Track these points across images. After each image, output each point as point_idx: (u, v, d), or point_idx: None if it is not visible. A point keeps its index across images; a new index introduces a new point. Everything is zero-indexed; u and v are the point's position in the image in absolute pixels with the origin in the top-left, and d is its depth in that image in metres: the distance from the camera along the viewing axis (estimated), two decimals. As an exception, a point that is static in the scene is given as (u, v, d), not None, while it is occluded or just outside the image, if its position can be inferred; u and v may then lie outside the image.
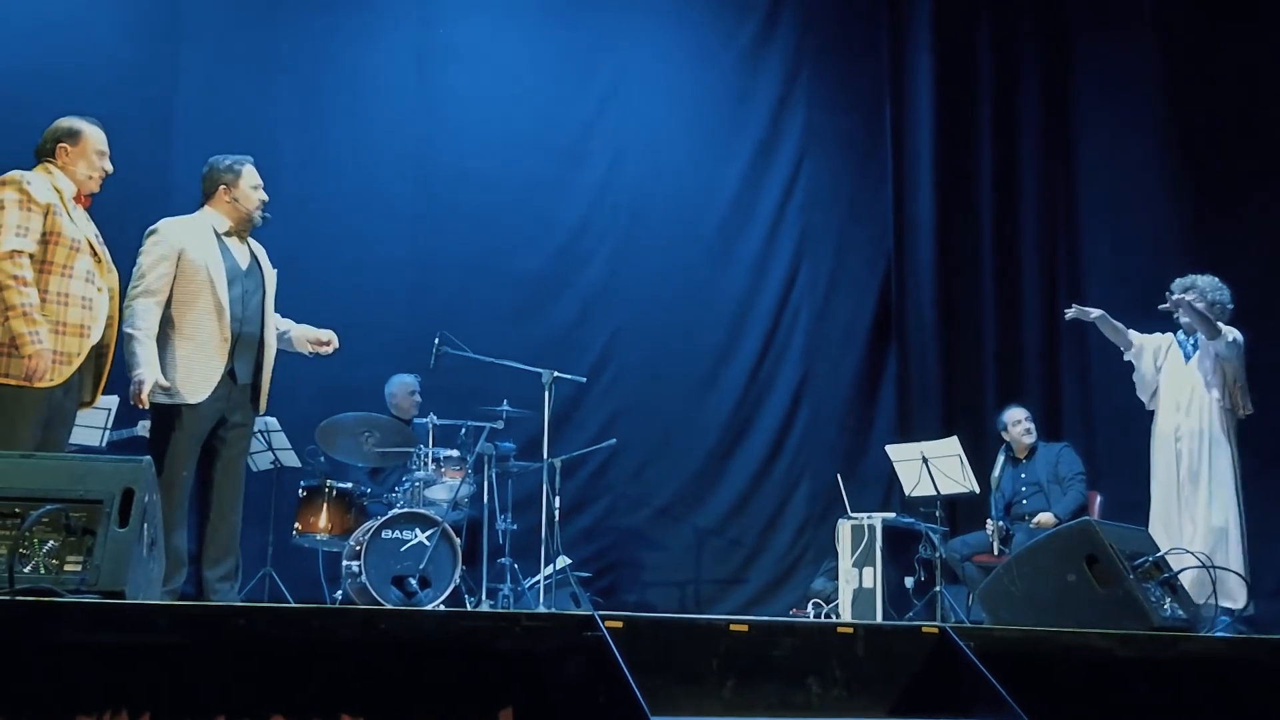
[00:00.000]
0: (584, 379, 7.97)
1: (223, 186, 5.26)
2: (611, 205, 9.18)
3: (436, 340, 7.20)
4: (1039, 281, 9.59)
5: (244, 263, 5.28)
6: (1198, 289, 6.84)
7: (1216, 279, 6.92)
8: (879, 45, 9.88)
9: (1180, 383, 6.91)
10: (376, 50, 8.73)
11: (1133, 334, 7.16)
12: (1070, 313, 7.21)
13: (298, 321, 5.63)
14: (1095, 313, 7.11)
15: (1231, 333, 6.78)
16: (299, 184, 8.13)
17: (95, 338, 4.72)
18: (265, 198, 5.34)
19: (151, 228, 5.15)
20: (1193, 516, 6.70)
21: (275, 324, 5.45)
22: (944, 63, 9.74)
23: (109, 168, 4.86)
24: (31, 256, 4.54)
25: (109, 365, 4.86)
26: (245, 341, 5.19)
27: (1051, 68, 9.72)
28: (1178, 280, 6.94)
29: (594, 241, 9.12)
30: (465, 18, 9.00)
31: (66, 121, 4.82)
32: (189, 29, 8.20)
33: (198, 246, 5.12)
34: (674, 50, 9.55)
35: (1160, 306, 6.87)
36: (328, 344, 5.66)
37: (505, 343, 7.69)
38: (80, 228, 4.72)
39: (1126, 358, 7.20)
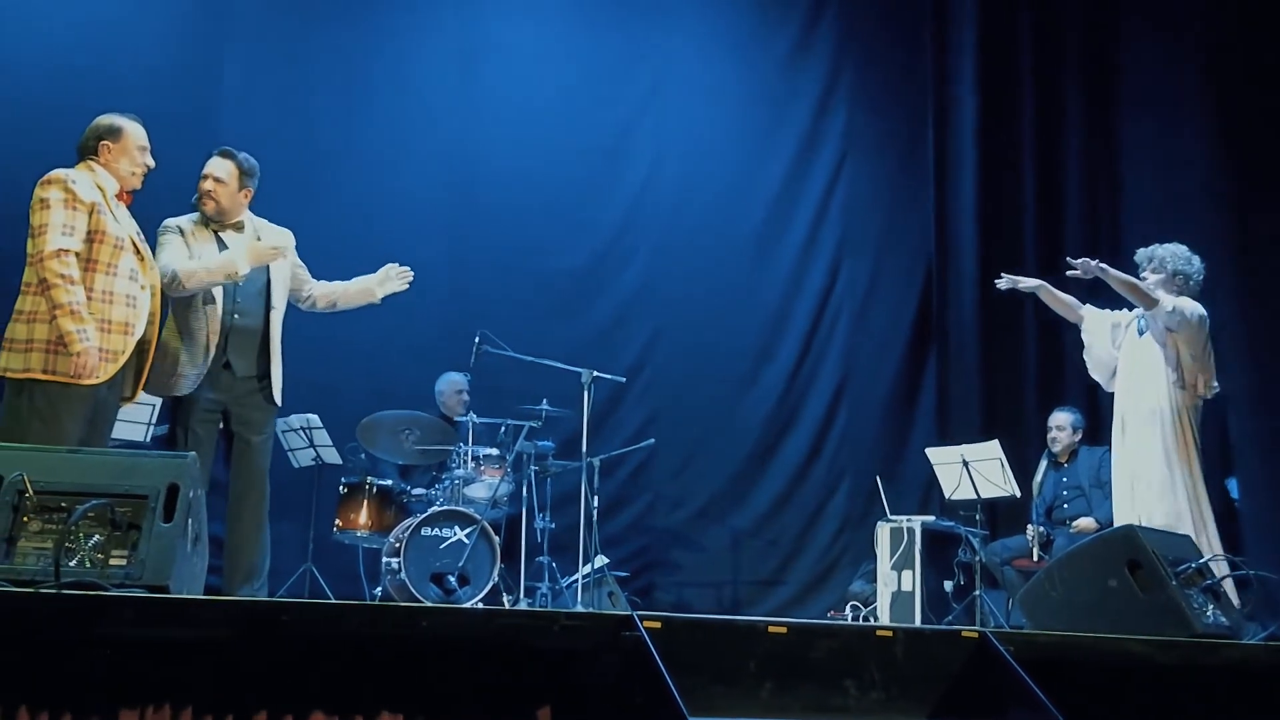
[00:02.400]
0: (623, 379, 7.97)
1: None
2: (652, 205, 9.17)
3: (477, 339, 7.23)
4: (1083, 282, 9.49)
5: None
6: (1158, 259, 6.39)
7: (1185, 249, 6.44)
8: (921, 46, 9.82)
9: (1132, 360, 6.41)
10: (418, 50, 8.76)
11: (1086, 308, 6.70)
12: (1002, 283, 6.76)
13: (341, 321, 5.64)
14: (1031, 282, 6.68)
15: (1184, 305, 6.22)
16: (339, 183, 8.19)
17: (138, 334, 4.74)
18: (152, 163, 4.97)
19: (160, 228, 5.17)
20: (1147, 507, 6.13)
21: (318, 296, 5.47)
22: (987, 63, 9.67)
23: (151, 163, 4.88)
24: (77, 255, 4.57)
25: (150, 361, 4.87)
26: (239, 332, 5.14)
27: (1095, 66, 9.62)
28: (1140, 250, 6.54)
29: (634, 242, 9.12)
30: (506, 18, 9.01)
31: (107, 119, 4.85)
32: (233, 29, 8.25)
33: (196, 246, 5.14)
34: (715, 51, 9.53)
35: (1069, 273, 6.40)
36: (397, 278, 5.65)
37: (545, 342, 7.70)
38: (124, 225, 4.76)
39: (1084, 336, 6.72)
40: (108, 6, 7.91)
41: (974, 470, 7.60)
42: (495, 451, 7.44)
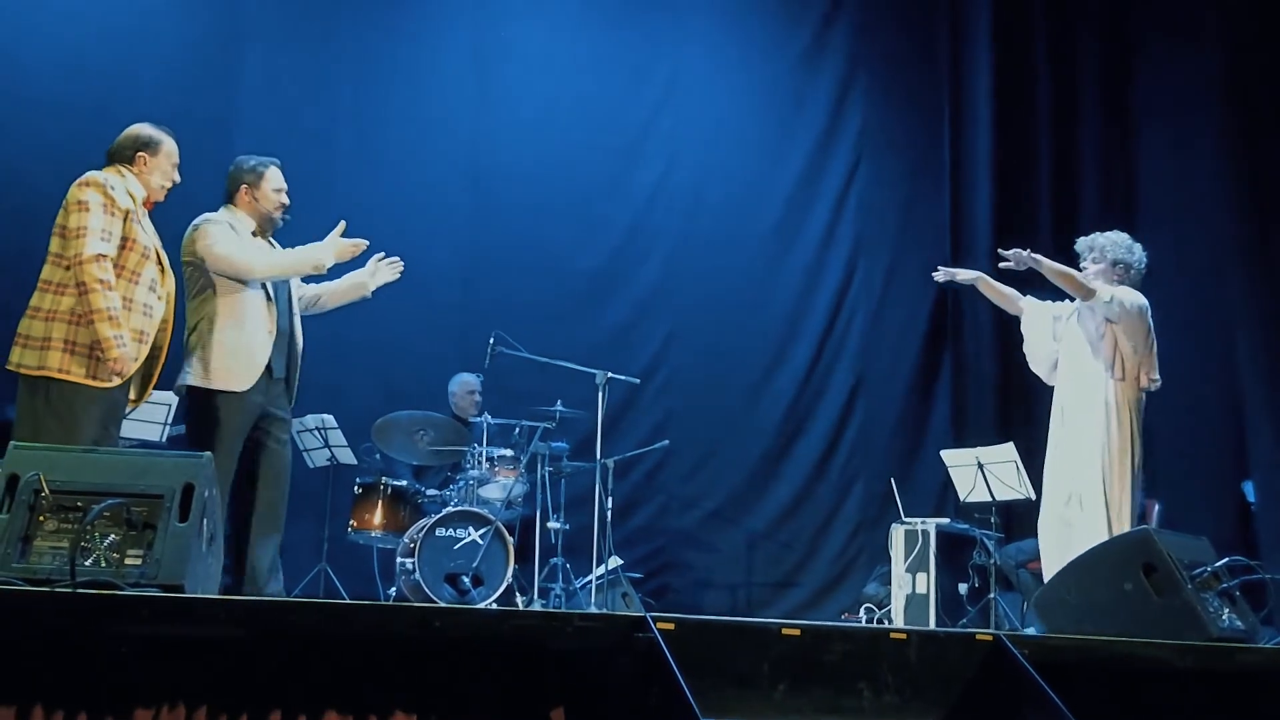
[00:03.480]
0: (637, 380, 7.97)
1: (245, 186, 5.29)
2: (666, 206, 9.18)
3: (491, 340, 7.24)
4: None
5: None
6: (1098, 248, 6.22)
7: (1127, 237, 6.28)
8: (937, 47, 9.82)
9: (1073, 353, 6.20)
10: (434, 52, 8.79)
11: (1026, 300, 6.49)
12: (938, 275, 6.57)
13: (356, 321, 5.66)
14: (968, 274, 6.48)
15: (1123, 295, 6.05)
16: (355, 183, 8.20)
17: (150, 343, 4.78)
18: (286, 201, 5.36)
19: (203, 220, 5.18)
20: (1080, 502, 5.96)
21: (306, 295, 5.49)
22: (1003, 65, 9.65)
23: (178, 178, 4.94)
24: (111, 260, 4.61)
25: (160, 366, 4.90)
26: (280, 335, 5.23)
27: (1111, 71, 9.61)
28: (1081, 239, 6.37)
29: (649, 242, 9.13)
30: (522, 18, 9.03)
31: (147, 130, 4.88)
32: (251, 31, 8.28)
33: (245, 238, 5.21)
34: (730, 52, 9.54)
35: (1001, 265, 6.19)
36: (388, 268, 5.64)
37: (559, 343, 7.71)
38: (150, 235, 4.81)
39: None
40: (127, 11, 7.94)
41: (989, 472, 7.58)
42: (509, 452, 7.45)
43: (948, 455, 7.97)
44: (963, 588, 7.93)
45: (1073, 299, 6.22)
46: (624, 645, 3.26)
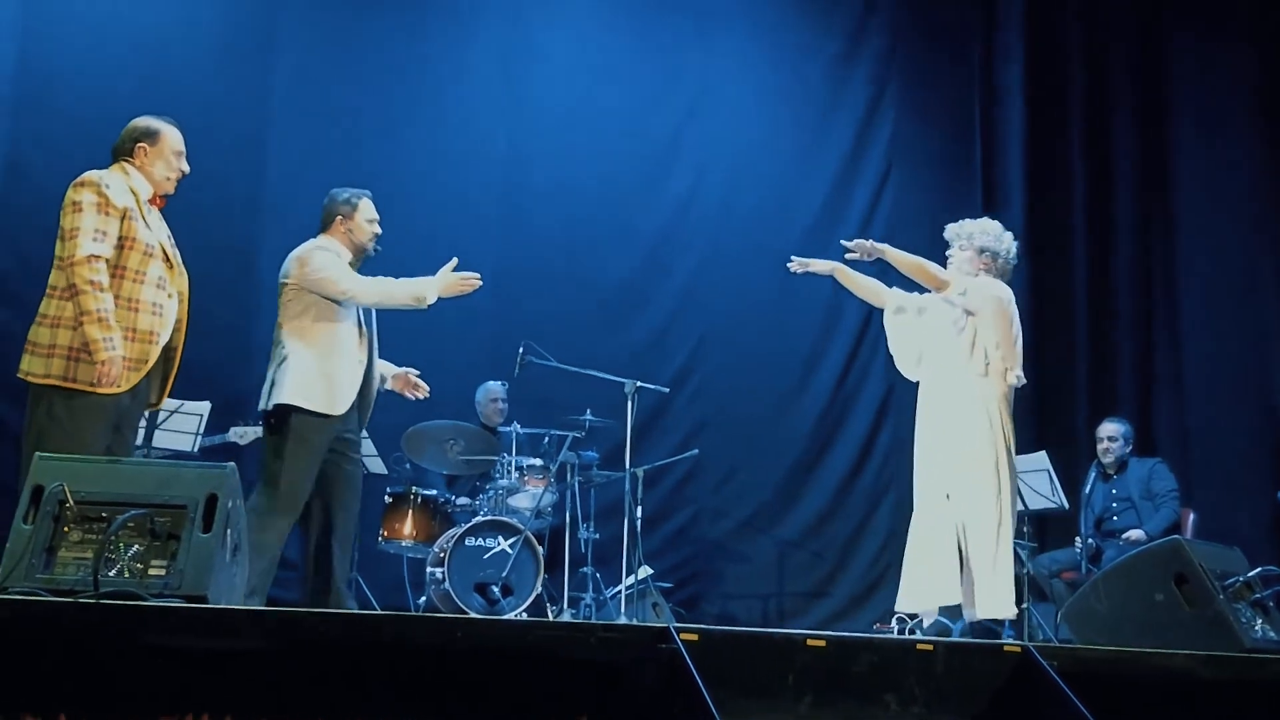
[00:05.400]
0: (667, 389, 7.96)
1: (339, 217, 5.42)
2: (696, 215, 9.16)
3: (520, 349, 7.23)
4: (1133, 294, 9.41)
5: None
6: (965, 234, 5.96)
7: (998, 225, 6.02)
8: (969, 56, 9.75)
9: (932, 347, 5.93)
10: (463, 60, 8.80)
11: (891, 292, 6.16)
12: (793, 265, 6.16)
13: (384, 331, 5.69)
14: (825, 265, 6.10)
15: (981, 286, 5.81)
16: (384, 193, 8.17)
17: (163, 342, 4.68)
18: (379, 231, 5.52)
19: (311, 245, 5.32)
20: (941, 503, 5.71)
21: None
22: (1035, 74, 9.59)
23: (185, 168, 4.85)
24: (106, 261, 4.50)
25: (176, 368, 4.83)
26: (366, 365, 5.38)
27: (1145, 79, 9.54)
28: (950, 225, 6.09)
29: (678, 251, 9.11)
30: (551, 28, 9.04)
31: (144, 121, 4.82)
32: (279, 45, 8.32)
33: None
34: (760, 60, 9.51)
35: (847, 256, 5.93)
36: (416, 388, 5.80)
37: (589, 352, 7.70)
38: (155, 232, 4.70)
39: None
40: (155, 27, 7.98)
41: (1022, 482, 7.50)
42: (539, 462, 7.46)
43: (980, 464, 7.90)
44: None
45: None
46: (648, 656, 3.25)
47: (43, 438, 4.36)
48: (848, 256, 5.96)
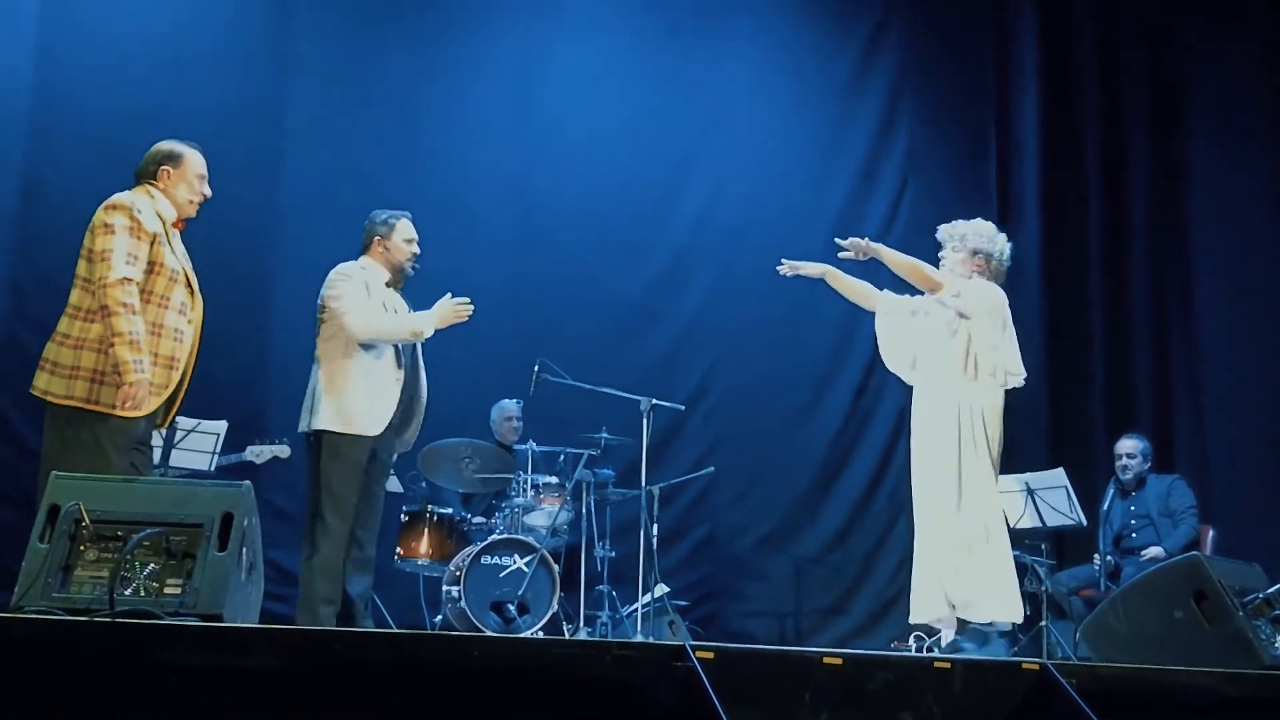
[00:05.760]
0: (682, 406, 7.95)
1: (378, 238, 5.59)
2: (712, 232, 9.15)
3: (536, 367, 7.23)
4: (1149, 309, 9.37)
5: (402, 311, 5.65)
6: (958, 236, 5.90)
7: (991, 226, 5.95)
8: (983, 71, 9.74)
9: (931, 350, 5.87)
10: (477, 82, 8.83)
11: (883, 295, 6.11)
12: (783, 269, 6.16)
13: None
14: (816, 268, 6.09)
15: (975, 288, 5.75)
16: (400, 210, 8.25)
17: (182, 369, 4.72)
18: (417, 251, 5.67)
19: (340, 270, 5.49)
20: (939, 509, 5.68)
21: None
22: (1050, 87, 9.57)
23: (208, 192, 4.89)
24: (136, 284, 4.54)
25: (184, 390, 4.83)
26: (406, 385, 5.52)
27: (1160, 90, 9.51)
28: (943, 226, 6.04)
29: (694, 269, 9.10)
30: (565, 48, 9.06)
31: (167, 145, 4.86)
32: (295, 64, 8.35)
33: (377, 293, 5.49)
34: (774, 76, 9.51)
35: (840, 255, 5.86)
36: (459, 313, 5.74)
37: (604, 370, 7.70)
38: (179, 257, 4.75)
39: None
40: (171, 47, 8.02)
41: (1039, 498, 7.49)
42: (554, 479, 7.46)
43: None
44: (1014, 615, 7.83)
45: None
46: (663, 674, 3.24)
47: (65, 459, 4.35)
48: (841, 255, 5.92)
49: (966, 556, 5.63)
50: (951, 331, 5.77)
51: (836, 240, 5.92)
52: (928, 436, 5.83)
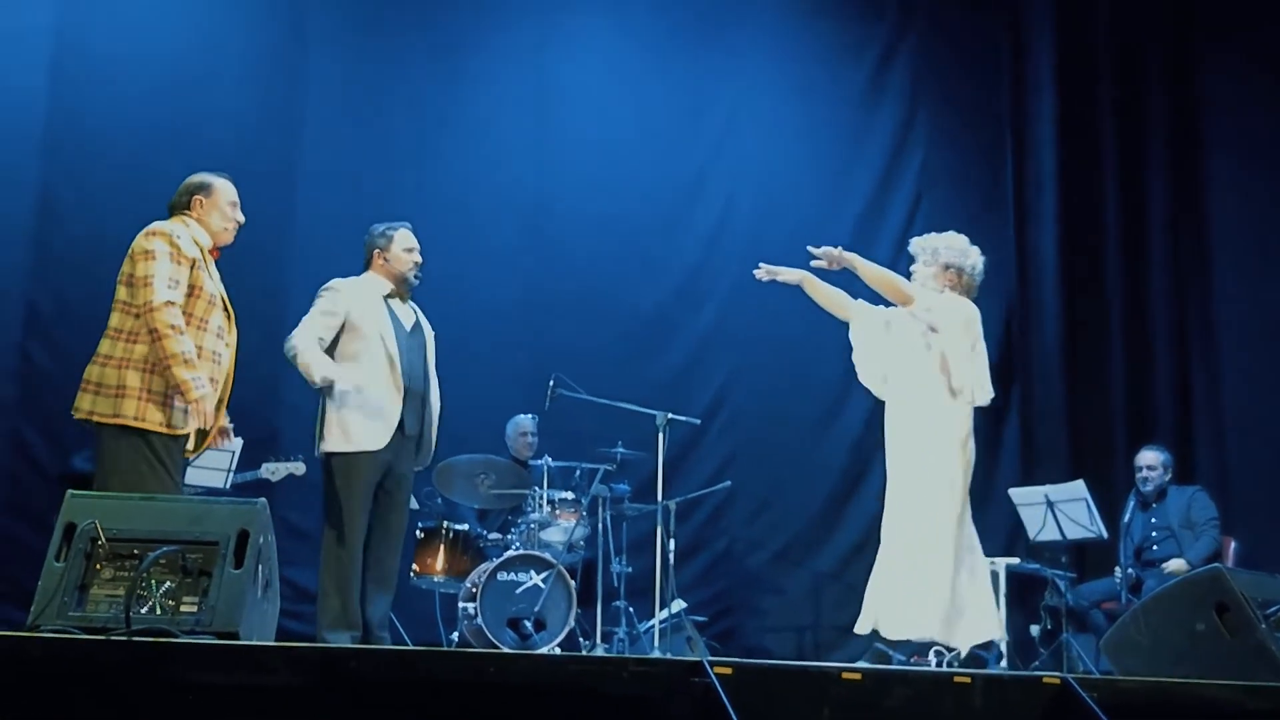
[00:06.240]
0: (698, 421, 7.93)
1: (377, 250, 5.60)
2: (727, 246, 9.13)
3: (551, 382, 7.22)
4: (1169, 319, 9.33)
5: (408, 323, 5.61)
6: (929, 249, 5.82)
7: (964, 240, 5.86)
8: (999, 84, 9.73)
9: (898, 364, 5.82)
10: (492, 95, 8.85)
11: (857, 305, 6.02)
12: (759, 273, 6.04)
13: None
14: (793, 274, 5.97)
15: (947, 303, 5.68)
16: (415, 225, 8.26)
17: (219, 391, 4.83)
18: (419, 260, 5.66)
19: (326, 284, 5.51)
20: (899, 525, 5.63)
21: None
22: (1066, 100, 9.54)
23: (241, 218, 5.00)
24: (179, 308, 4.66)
25: (221, 413, 4.93)
26: (412, 395, 5.47)
27: (1178, 104, 9.48)
28: (915, 239, 5.99)
29: (709, 283, 9.09)
30: (579, 61, 9.08)
31: (198, 176, 4.98)
32: (311, 77, 8.39)
33: (365, 306, 5.45)
34: (789, 90, 9.51)
35: (812, 264, 5.77)
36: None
37: (620, 384, 7.67)
38: (216, 283, 4.87)
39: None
40: (185, 64, 8.06)
41: (1059, 511, 7.45)
42: (570, 495, 7.44)
43: (1016, 494, 7.85)
44: (1035, 629, 7.80)
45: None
46: (681, 690, 3.22)
47: (129, 477, 4.48)
48: (813, 264, 5.85)
49: (897, 571, 5.66)
50: (925, 346, 5.71)
51: (809, 249, 5.84)
52: (899, 455, 5.76)
